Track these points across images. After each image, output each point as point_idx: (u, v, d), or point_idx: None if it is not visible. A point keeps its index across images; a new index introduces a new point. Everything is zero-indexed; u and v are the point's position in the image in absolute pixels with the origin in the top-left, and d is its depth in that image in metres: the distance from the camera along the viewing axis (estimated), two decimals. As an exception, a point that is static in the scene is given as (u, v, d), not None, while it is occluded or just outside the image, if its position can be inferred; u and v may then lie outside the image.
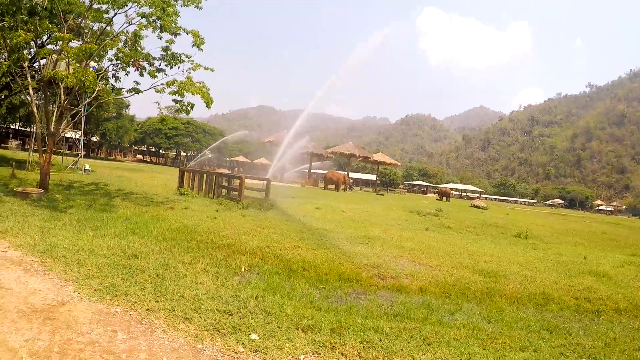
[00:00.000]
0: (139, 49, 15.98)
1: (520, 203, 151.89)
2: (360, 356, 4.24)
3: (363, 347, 4.44)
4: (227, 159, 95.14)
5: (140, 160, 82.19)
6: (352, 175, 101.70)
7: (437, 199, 55.01)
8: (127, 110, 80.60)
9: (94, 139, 75.41)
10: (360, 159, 58.96)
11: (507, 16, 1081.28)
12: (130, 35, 15.87)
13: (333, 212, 18.29)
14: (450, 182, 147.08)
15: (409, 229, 15.39)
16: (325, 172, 51.97)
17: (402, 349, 4.50)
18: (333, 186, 44.34)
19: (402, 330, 5.10)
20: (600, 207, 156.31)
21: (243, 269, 7.45)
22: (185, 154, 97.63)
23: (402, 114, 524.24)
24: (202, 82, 16.18)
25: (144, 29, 15.27)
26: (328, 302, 6.15)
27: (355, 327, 5.01)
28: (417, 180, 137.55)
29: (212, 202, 17.17)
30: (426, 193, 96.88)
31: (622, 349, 5.60)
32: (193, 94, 15.67)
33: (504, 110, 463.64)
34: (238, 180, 18.85)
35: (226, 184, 19.65)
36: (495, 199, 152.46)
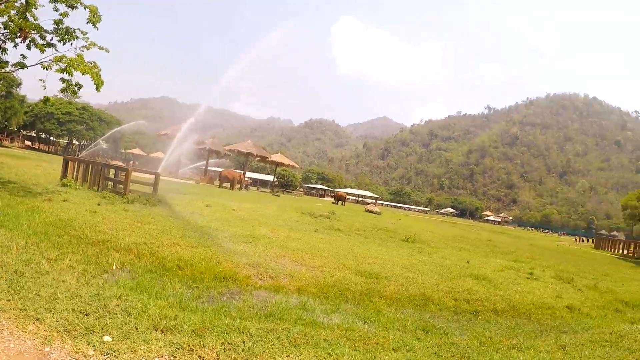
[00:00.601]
0: (33, 18, 14.79)
1: (414, 210, 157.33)
2: (218, 359, 3.95)
3: (223, 349, 4.15)
4: (123, 150, 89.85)
5: (28, 147, 74.37)
6: (251, 175, 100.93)
7: (333, 203, 55.49)
8: (18, 90, 71.61)
9: (-23, 119, 68.95)
10: (258, 158, 58.33)
11: (423, 34, 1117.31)
12: (22, 2, 14.56)
13: (223, 210, 17.75)
14: (348, 187, 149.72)
15: (298, 230, 15.20)
16: (222, 170, 50.85)
17: (264, 351, 4.26)
18: (228, 184, 43.51)
19: (269, 331, 4.84)
20: (489, 218, 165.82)
21: (114, 267, 6.96)
22: (78, 142, 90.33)
23: (306, 117, 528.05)
24: (94, 62, 15.15)
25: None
26: (198, 302, 5.88)
27: (220, 328, 4.70)
28: (316, 183, 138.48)
29: (96, 195, 16.06)
30: (324, 196, 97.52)
31: (497, 347, 5.75)
32: (83, 74, 14.61)
33: (406, 122, 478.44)
34: (124, 173, 17.61)
35: (113, 177, 18.44)
36: (391, 206, 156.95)
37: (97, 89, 15.04)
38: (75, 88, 15.41)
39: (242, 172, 51.03)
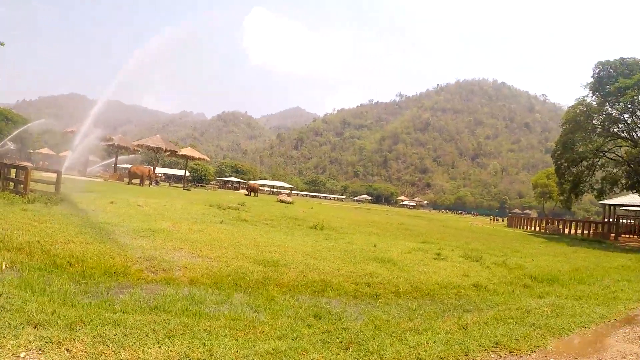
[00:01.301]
0: None
1: (330, 199, 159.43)
2: (85, 351, 3.93)
3: (93, 342, 4.13)
4: (31, 150, 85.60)
5: None
6: (164, 170, 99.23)
7: (245, 194, 55.52)
8: None
9: None
10: (167, 152, 57.36)
11: (335, 23, 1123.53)
12: None
13: (128, 206, 17.35)
14: (262, 179, 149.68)
15: (202, 222, 14.99)
16: (131, 166, 49.64)
17: (134, 343, 4.26)
18: (138, 181, 42.71)
19: (147, 323, 4.84)
20: (404, 202, 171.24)
21: (4, 266, 6.78)
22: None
23: (219, 110, 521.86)
24: None
25: None
26: (82, 297, 5.81)
27: (96, 321, 4.67)
28: (230, 176, 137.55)
29: None
30: (238, 189, 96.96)
31: (392, 330, 5.82)
32: None
33: (319, 112, 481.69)
34: (24, 172, 17.12)
35: (14, 177, 17.85)
36: (306, 195, 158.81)
37: None
38: None
39: (152, 167, 49.89)
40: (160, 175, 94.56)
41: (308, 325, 5.63)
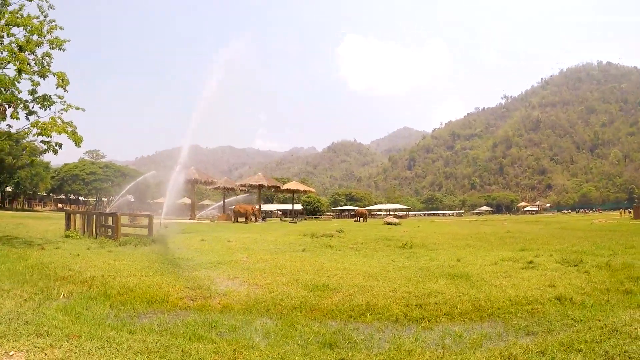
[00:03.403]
0: (16, 91, 16.12)
1: (448, 215, 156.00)
2: (57, 356, 4.73)
3: (69, 349, 4.93)
4: (150, 201, 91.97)
5: (60, 209, 78.08)
6: (280, 207, 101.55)
7: (355, 221, 55.52)
8: (41, 157, 75.93)
9: (8, 189, 71.88)
10: (272, 189, 58.80)
11: (424, 35, 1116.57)
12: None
13: (217, 242, 18.00)
14: (378, 204, 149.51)
15: (282, 252, 15.03)
16: (234, 205, 51.47)
17: (102, 354, 4.92)
18: (243, 219, 43.96)
19: (133, 341, 5.39)
20: (526, 208, 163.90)
21: (62, 296, 7.74)
22: (106, 199, 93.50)
23: (328, 141, 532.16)
24: (70, 122, 16.18)
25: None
26: (111, 320, 6.49)
27: (90, 336, 5.42)
28: (345, 205, 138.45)
29: (92, 242, 17.00)
30: (355, 217, 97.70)
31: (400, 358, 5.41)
32: (59, 134, 15.66)
33: (426, 128, 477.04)
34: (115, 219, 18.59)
35: (110, 224, 19.19)
36: (424, 214, 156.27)
37: (77, 144, 16.00)
38: (57, 147, 16.46)
39: (255, 205, 51.30)
40: (277, 211, 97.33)
41: (306, 355, 5.37)
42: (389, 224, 41.63)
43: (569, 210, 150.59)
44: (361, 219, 56.80)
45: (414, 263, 12.49)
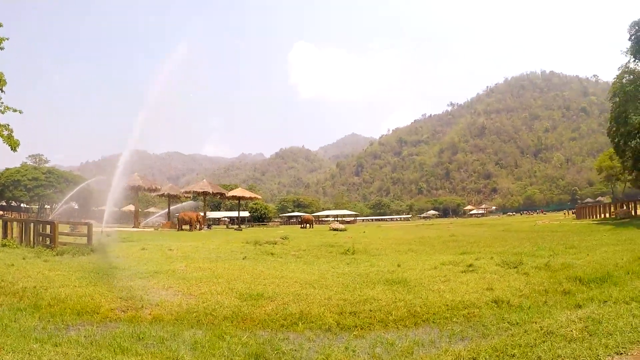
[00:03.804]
0: None
1: (396, 220, 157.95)
2: None
3: None
4: (95, 208, 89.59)
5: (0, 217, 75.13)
6: (227, 214, 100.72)
7: (301, 227, 55.74)
8: None
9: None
10: (218, 196, 58.33)
11: (375, 45, 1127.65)
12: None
13: (158, 251, 17.79)
14: (326, 210, 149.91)
15: (223, 260, 14.91)
16: (179, 213, 50.82)
17: None
18: (188, 226, 43.53)
19: (55, 354, 5.35)
20: (472, 212, 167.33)
21: None
22: (49, 206, 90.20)
23: (276, 147, 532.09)
24: (6, 125, 15.72)
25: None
26: (37, 332, 6.51)
27: (14, 348, 5.41)
28: (293, 211, 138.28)
29: (28, 251, 16.61)
30: (301, 223, 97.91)
31: None
32: None
33: (374, 135, 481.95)
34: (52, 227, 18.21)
35: (48, 232, 18.67)
36: (372, 219, 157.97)
37: (13, 149, 15.59)
38: None
39: (199, 212, 50.77)
40: (225, 219, 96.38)
41: None
42: (335, 229, 41.94)
43: (514, 213, 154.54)
44: (308, 225, 57.10)
45: (353, 269, 12.50)
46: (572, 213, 66.54)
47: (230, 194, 58.94)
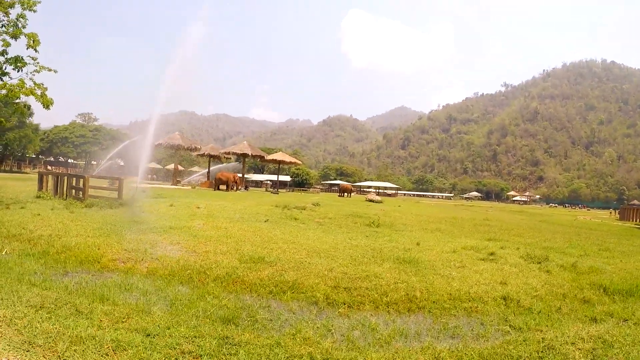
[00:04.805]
0: None
1: (438, 197, 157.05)
2: None
3: None
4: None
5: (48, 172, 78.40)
6: (269, 177, 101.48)
7: (339, 196, 55.76)
8: (30, 119, 76.21)
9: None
10: (257, 158, 58.63)
11: (432, 18, 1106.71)
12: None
13: (185, 208, 18.00)
14: (368, 180, 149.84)
15: (244, 221, 14.86)
16: (217, 173, 51.29)
17: None
18: (224, 187, 43.99)
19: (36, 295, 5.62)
20: (515, 198, 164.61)
21: (5, 252, 8.13)
22: (95, 162, 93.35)
23: (324, 115, 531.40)
24: (40, 84, 16.20)
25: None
26: (37, 277, 6.68)
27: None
28: (335, 179, 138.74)
29: (59, 203, 16.89)
30: (340, 192, 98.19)
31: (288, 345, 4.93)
32: (27, 96, 15.64)
33: (424, 109, 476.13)
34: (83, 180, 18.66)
35: (79, 185, 19.14)
36: (413, 195, 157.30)
37: (46, 107, 16.02)
38: (25, 109, 16.61)
39: (237, 173, 51.11)
40: (267, 182, 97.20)
41: (193, 327, 5.10)
42: (370, 201, 41.85)
43: (557, 205, 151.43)
44: (345, 194, 57.09)
45: (370, 242, 12.16)
46: (617, 213, 63.70)
47: (270, 157, 59.13)
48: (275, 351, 4.64)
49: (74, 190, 18.93)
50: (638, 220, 39.97)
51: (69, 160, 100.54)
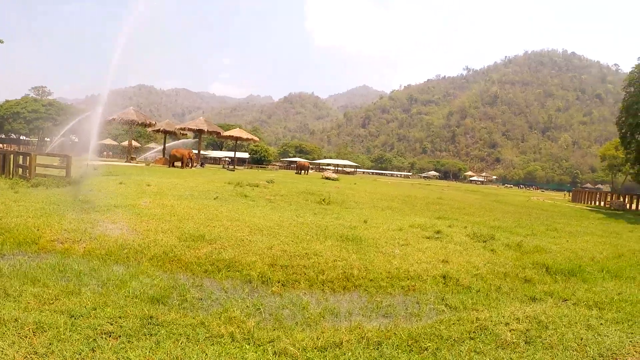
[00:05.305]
0: None
1: (396, 176, 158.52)
2: None
3: None
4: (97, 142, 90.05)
5: None
6: (227, 154, 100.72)
7: (295, 173, 55.98)
8: None
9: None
10: (213, 134, 58.15)
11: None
12: None
13: (134, 186, 17.74)
14: (327, 158, 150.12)
15: (192, 198, 14.77)
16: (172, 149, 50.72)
17: None
18: (179, 163, 43.60)
19: None
20: (472, 178, 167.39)
21: None
22: (49, 139, 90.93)
23: (285, 92, 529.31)
24: None
25: None
26: None
27: None
28: (294, 156, 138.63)
29: (4, 182, 16.64)
30: (297, 169, 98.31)
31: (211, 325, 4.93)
32: None
33: (386, 89, 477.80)
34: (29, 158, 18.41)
35: (25, 164, 18.85)
36: (372, 173, 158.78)
37: None
38: None
39: (191, 150, 50.60)
40: (226, 159, 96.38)
41: (120, 307, 5.14)
42: (326, 178, 42.19)
43: (512, 185, 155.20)
44: (303, 171, 57.17)
45: (316, 220, 12.21)
46: (570, 195, 65.72)
47: (227, 133, 58.68)
48: (196, 331, 4.65)
49: (20, 169, 18.64)
50: (588, 202, 41.55)
51: (21, 137, 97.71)
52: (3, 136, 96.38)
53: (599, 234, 15.20)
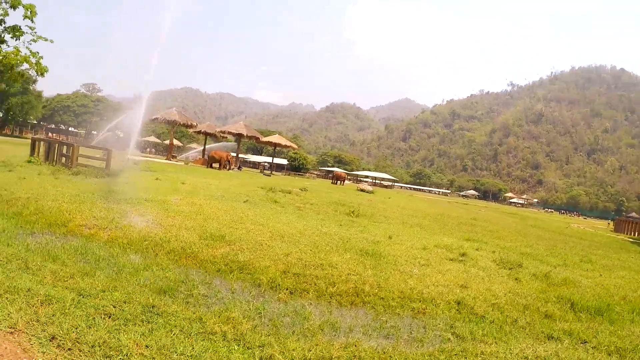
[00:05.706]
0: None
1: (434, 192, 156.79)
2: None
3: None
4: (140, 138, 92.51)
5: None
6: (267, 159, 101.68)
7: (332, 183, 56.15)
8: (34, 86, 77.47)
9: (-1, 114, 73.14)
10: (252, 139, 58.93)
11: (444, 10, 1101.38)
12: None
13: (169, 183, 18.53)
14: (366, 170, 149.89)
15: (223, 199, 15.05)
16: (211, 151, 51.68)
17: None
18: (217, 165, 44.51)
19: None
20: (512, 200, 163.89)
21: None
22: (96, 132, 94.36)
23: (328, 101, 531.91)
24: (35, 52, 16.81)
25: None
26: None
27: None
28: (333, 166, 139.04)
29: (48, 168, 17.53)
30: (333, 179, 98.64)
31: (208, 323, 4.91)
32: (21, 63, 16.32)
33: (428, 103, 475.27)
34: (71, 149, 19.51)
35: (68, 153, 19.75)
36: (410, 188, 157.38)
37: (40, 74, 16.61)
38: (18, 76, 17.28)
39: (230, 152, 51.45)
40: (265, 163, 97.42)
41: (129, 293, 5.29)
42: (361, 190, 42.08)
43: (553, 210, 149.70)
44: (339, 181, 57.45)
45: (341, 231, 11.80)
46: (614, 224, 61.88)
47: (265, 139, 59.52)
48: (192, 325, 4.71)
49: (63, 158, 19.59)
50: (632, 233, 38.74)
51: (70, 129, 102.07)
52: (53, 126, 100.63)
53: (637, 269, 13.50)
